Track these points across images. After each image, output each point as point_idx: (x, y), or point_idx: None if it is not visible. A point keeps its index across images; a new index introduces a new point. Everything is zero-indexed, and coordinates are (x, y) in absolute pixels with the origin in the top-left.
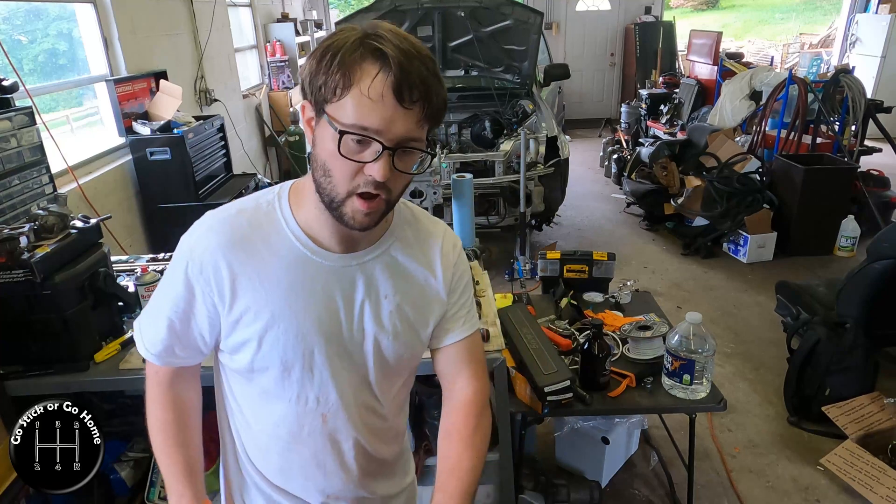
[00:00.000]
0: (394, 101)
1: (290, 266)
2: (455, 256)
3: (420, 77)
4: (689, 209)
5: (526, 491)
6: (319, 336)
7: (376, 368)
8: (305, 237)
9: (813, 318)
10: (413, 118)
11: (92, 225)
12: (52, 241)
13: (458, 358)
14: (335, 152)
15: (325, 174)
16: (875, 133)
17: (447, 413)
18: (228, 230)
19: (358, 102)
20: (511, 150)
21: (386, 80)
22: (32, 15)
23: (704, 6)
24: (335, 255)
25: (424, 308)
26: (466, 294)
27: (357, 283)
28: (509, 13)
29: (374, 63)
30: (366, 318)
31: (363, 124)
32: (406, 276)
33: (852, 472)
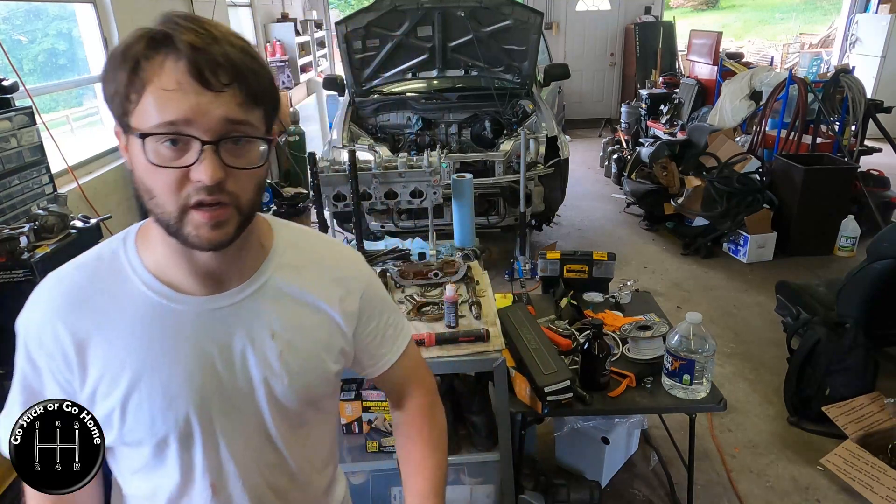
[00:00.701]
0: (196, 85)
1: (145, 320)
2: (360, 277)
3: (224, 55)
4: (689, 209)
5: (526, 491)
6: (194, 396)
7: (276, 421)
8: (159, 283)
9: (813, 318)
10: (230, 101)
11: (92, 225)
12: (52, 241)
13: (400, 375)
14: (147, 166)
15: (150, 196)
16: (875, 133)
17: (401, 420)
18: (65, 292)
19: (156, 98)
20: (511, 150)
21: (179, 64)
22: (32, 15)
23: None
24: (200, 299)
25: (324, 341)
26: (386, 312)
27: (233, 327)
28: (509, 13)
29: (164, 51)
30: (251, 366)
31: (167, 119)
32: (296, 307)
33: (852, 472)
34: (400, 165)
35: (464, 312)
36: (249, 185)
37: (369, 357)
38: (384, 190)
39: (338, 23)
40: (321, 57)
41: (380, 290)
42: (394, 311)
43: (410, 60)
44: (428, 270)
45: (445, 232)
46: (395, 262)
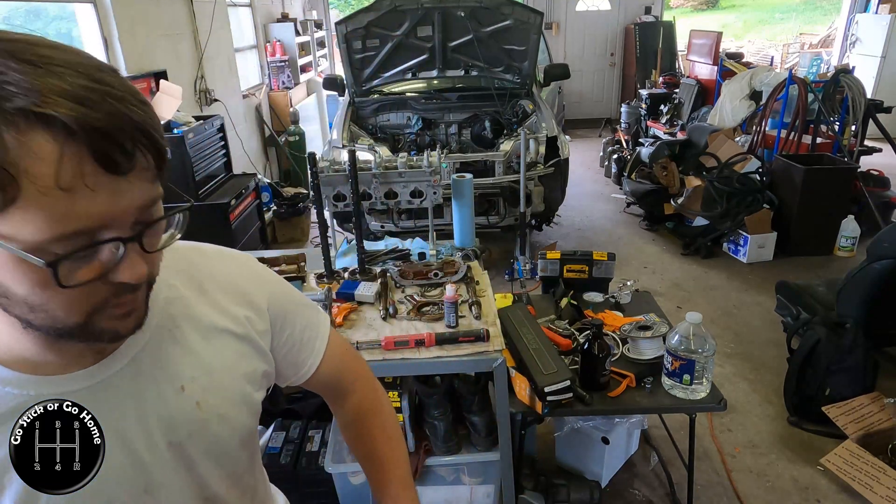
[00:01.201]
0: (105, 176)
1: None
2: (263, 288)
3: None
4: (689, 209)
5: (526, 491)
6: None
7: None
8: (12, 373)
9: (813, 318)
10: (142, 180)
11: None
12: None
13: (330, 374)
14: (45, 286)
15: (35, 311)
16: (875, 133)
17: (349, 419)
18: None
19: (46, 204)
20: (511, 150)
21: (78, 153)
22: (32, 15)
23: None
24: (72, 377)
25: (247, 370)
26: (299, 315)
27: (129, 394)
28: (509, 13)
29: (41, 135)
30: (167, 430)
31: (76, 229)
32: (206, 341)
33: (852, 472)
34: (400, 165)
35: (464, 312)
36: (161, 257)
37: (291, 367)
38: (384, 190)
39: (338, 23)
40: (321, 57)
41: (286, 292)
42: (305, 308)
43: (410, 60)
44: (428, 270)
45: (445, 232)
46: (395, 262)
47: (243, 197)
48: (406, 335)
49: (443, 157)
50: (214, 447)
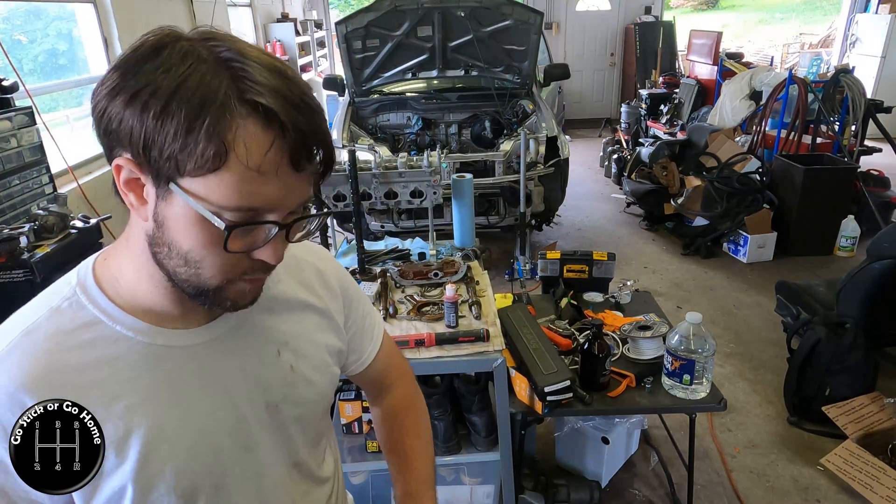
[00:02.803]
0: (290, 169)
1: (139, 370)
2: (334, 271)
3: (314, 129)
4: (689, 209)
5: (526, 491)
6: (220, 437)
7: (303, 441)
8: (144, 324)
9: (813, 318)
10: (308, 181)
11: (92, 225)
12: (52, 241)
13: (381, 368)
14: (210, 245)
15: (188, 265)
16: (875, 133)
17: (386, 413)
18: (24, 365)
19: (241, 179)
20: (511, 150)
21: (281, 146)
22: (32, 15)
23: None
24: (194, 332)
25: (327, 342)
26: (362, 303)
27: (237, 352)
28: (509, 13)
29: (261, 125)
30: (268, 390)
31: (253, 205)
32: (293, 314)
33: (852, 472)
34: (400, 165)
35: (464, 312)
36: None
37: (354, 352)
38: (384, 190)
39: (338, 23)
40: (321, 57)
41: (350, 280)
42: (364, 297)
43: (410, 60)
44: (428, 270)
45: (445, 232)
46: (395, 262)
47: None
48: (406, 335)
49: (443, 157)
50: (303, 412)
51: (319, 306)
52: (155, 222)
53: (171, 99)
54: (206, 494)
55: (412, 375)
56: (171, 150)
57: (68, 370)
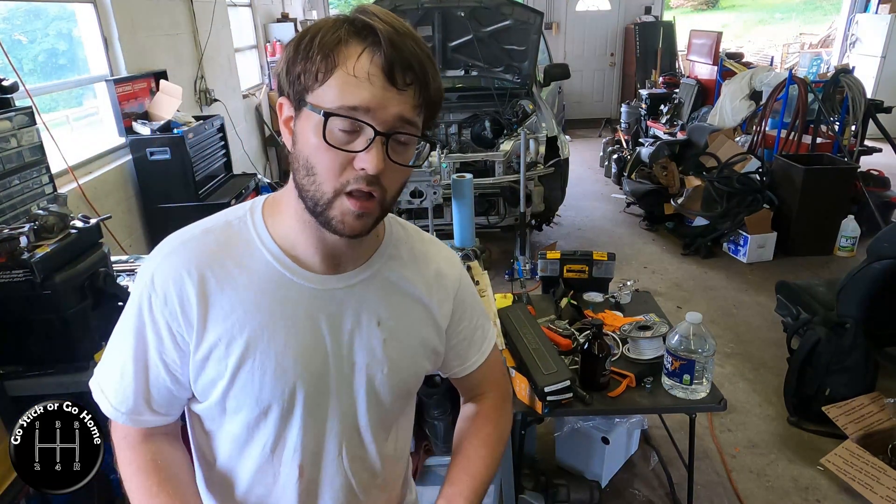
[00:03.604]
0: (384, 80)
1: (267, 289)
2: (456, 277)
3: (414, 56)
4: (689, 209)
5: (526, 491)
6: (303, 371)
7: (369, 410)
8: (284, 255)
9: (813, 318)
10: (407, 101)
11: (92, 225)
12: (52, 241)
13: (480, 379)
14: (319, 144)
15: (308, 173)
16: (875, 133)
17: (467, 414)
18: (195, 252)
19: (343, 83)
20: (511, 150)
21: (374, 57)
22: (32, 15)
23: (704, 6)
24: (319, 277)
25: (423, 336)
26: (476, 315)
27: (346, 308)
28: (509, 13)
29: (361, 40)
30: (356, 350)
31: (351, 104)
32: (402, 300)
33: (852, 472)
34: None
35: None
36: (398, 182)
37: (457, 358)
38: None
39: None
40: None
41: (471, 291)
42: (482, 314)
43: None
44: None
45: (445, 232)
46: None
47: (243, 197)
48: None
49: (443, 157)
50: (378, 386)
51: (426, 301)
52: (294, 143)
53: (302, 40)
54: (275, 414)
55: (507, 391)
56: (299, 73)
57: (222, 270)
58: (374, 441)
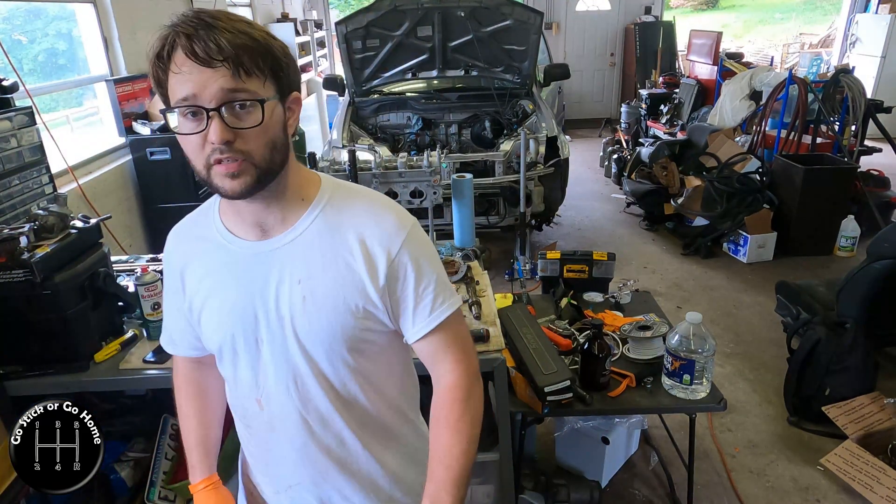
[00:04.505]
0: (194, 64)
1: (215, 257)
2: (397, 243)
3: (210, 37)
4: (689, 209)
5: (526, 491)
6: (238, 320)
7: (306, 358)
8: (224, 229)
9: (813, 318)
10: (224, 74)
11: (92, 225)
12: (52, 241)
13: (434, 348)
14: (178, 135)
15: (189, 162)
16: (875, 133)
17: (434, 400)
18: (178, 230)
19: (173, 81)
20: (511, 150)
21: (180, 52)
22: (32, 15)
23: (704, 6)
24: (249, 243)
25: (345, 295)
26: (427, 280)
27: (270, 269)
28: (509, 13)
29: (170, 43)
30: (281, 304)
31: (180, 96)
32: (322, 260)
33: (852, 472)
34: (400, 165)
35: (464, 312)
36: (258, 143)
37: (404, 323)
38: (384, 190)
39: (338, 23)
40: (321, 57)
41: (419, 259)
42: (437, 282)
43: (410, 60)
44: None
45: (445, 232)
46: None
47: None
48: None
49: (443, 157)
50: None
51: (349, 262)
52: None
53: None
54: (229, 355)
55: (473, 367)
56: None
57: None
58: (321, 390)
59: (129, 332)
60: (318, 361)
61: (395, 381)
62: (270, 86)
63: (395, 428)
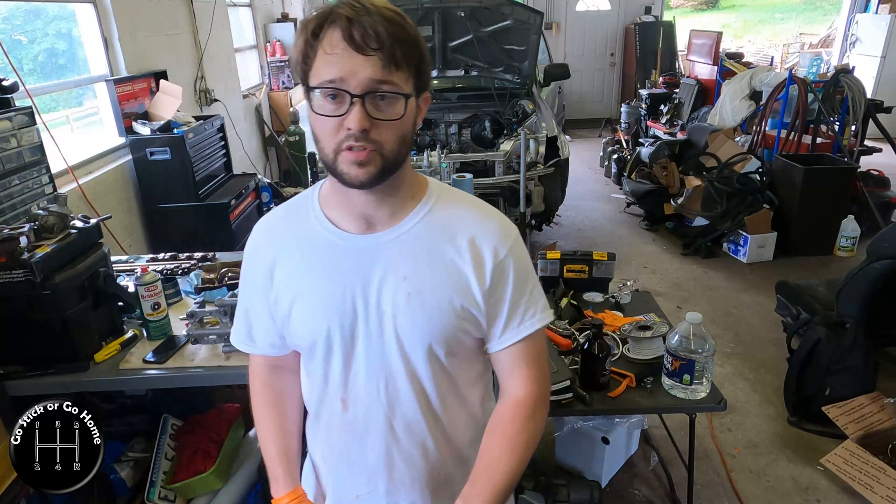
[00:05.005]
0: (348, 49)
1: (314, 248)
2: (503, 250)
3: (371, 25)
4: (689, 209)
5: (526, 491)
6: (335, 315)
7: (403, 359)
8: (326, 220)
9: (813, 318)
10: (375, 63)
11: (92, 225)
12: (52, 241)
13: (514, 360)
14: (314, 114)
15: (317, 142)
16: (875, 133)
17: (497, 409)
18: (268, 224)
19: (321, 61)
20: (511, 150)
21: (336, 34)
22: (32, 15)
23: (704, 6)
24: (353, 236)
25: (450, 297)
26: (523, 289)
27: (374, 264)
28: (509, 13)
29: (328, 24)
30: (383, 301)
31: (327, 78)
32: (430, 260)
33: (852, 472)
34: None
35: None
36: (391, 135)
37: (494, 329)
38: None
39: None
40: None
41: (522, 266)
42: (531, 293)
43: None
44: None
45: None
46: None
47: (243, 197)
48: None
49: (443, 157)
50: (402, 335)
51: (456, 264)
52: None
53: (296, 35)
54: (320, 351)
55: (543, 392)
56: (297, 63)
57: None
58: (413, 395)
59: (129, 332)
60: (414, 361)
61: (478, 390)
62: (412, 81)
63: (473, 441)
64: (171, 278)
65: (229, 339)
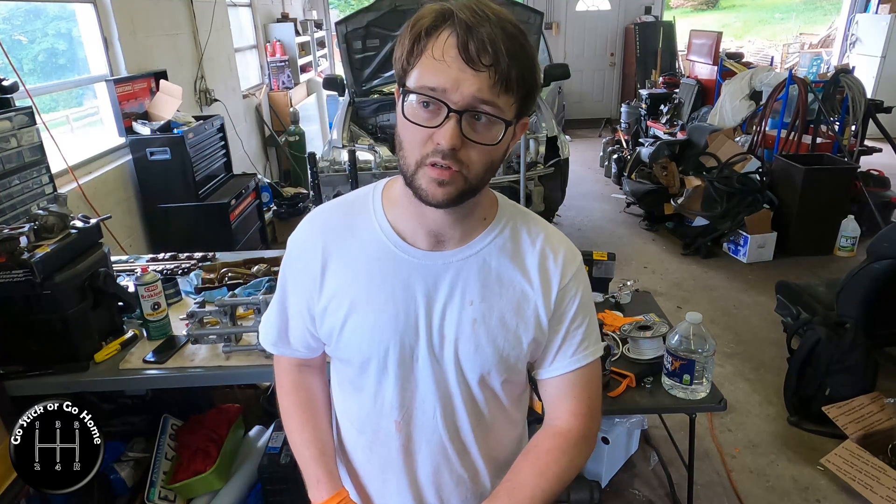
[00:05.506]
0: (460, 60)
1: (374, 258)
2: (569, 275)
3: (490, 38)
4: (689, 209)
5: None
6: (395, 333)
7: (459, 384)
8: (391, 230)
9: (813, 318)
10: (484, 81)
11: (92, 225)
12: (52, 241)
13: (562, 391)
14: (403, 120)
15: (399, 147)
16: (875, 133)
17: (538, 433)
18: (323, 220)
19: (425, 65)
20: (511, 150)
21: (450, 40)
22: (32, 15)
23: (704, 6)
24: (421, 252)
25: (515, 325)
26: (581, 319)
27: (441, 283)
28: None
29: (443, 26)
30: (446, 323)
31: (428, 85)
32: (498, 284)
33: (852, 472)
34: None
35: None
36: (480, 159)
37: (544, 354)
38: None
39: (338, 23)
40: (321, 57)
41: (580, 298)
42: (587, 323)
43: None
44: None
45: None
46: None
47: (243, 197)
48: None
49: None
50: (463, 361)
51: (525, 290)
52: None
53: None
54: (374, 368)
55: (588, 430)
56: (397, 59)
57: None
58: (467, 416)
59: (129, 332)
60: (472, 386)
61: (522, 405)
62: (516, 107)
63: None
64: (171, 278)
65: (230, 339)
